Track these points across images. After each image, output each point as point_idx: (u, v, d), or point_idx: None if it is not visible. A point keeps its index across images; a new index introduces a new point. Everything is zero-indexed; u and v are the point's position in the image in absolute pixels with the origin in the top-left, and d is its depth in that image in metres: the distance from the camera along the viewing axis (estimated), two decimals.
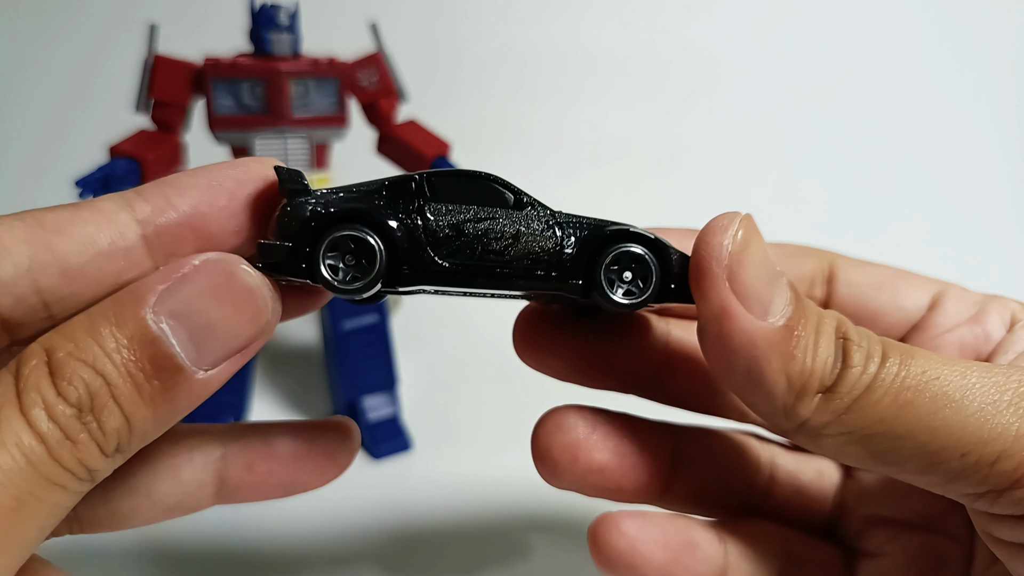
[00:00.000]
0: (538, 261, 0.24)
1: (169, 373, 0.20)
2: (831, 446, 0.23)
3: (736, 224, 0.23)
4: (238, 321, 0.21)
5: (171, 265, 0.21)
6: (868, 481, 0.31)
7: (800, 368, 0.22)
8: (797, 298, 0.23)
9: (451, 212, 0.23)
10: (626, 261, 0.24)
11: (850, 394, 0.22)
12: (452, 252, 0.23)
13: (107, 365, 0.19)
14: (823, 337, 0.23)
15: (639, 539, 0.27)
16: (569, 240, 0.24)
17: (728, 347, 0.22)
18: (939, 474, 0.22)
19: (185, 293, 0.20)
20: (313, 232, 0.22)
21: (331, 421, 0.29)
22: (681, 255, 0.24)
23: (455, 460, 0.48)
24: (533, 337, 0.29)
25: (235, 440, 0.28)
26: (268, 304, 0.22)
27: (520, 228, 0.23)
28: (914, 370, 0.22)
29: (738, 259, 0.22)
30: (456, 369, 0.58)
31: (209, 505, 0.28)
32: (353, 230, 0.22)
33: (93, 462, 0.19)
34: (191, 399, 0.21)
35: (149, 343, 0.20)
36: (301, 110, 0.47)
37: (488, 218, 0.23)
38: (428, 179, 0.23)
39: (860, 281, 0.29)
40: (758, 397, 0.23)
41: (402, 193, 0.23)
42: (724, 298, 0.22)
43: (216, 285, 0.21)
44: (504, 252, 0.23)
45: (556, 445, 0.28)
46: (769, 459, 0.31)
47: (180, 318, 0.20)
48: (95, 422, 0.19)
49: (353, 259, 0.23)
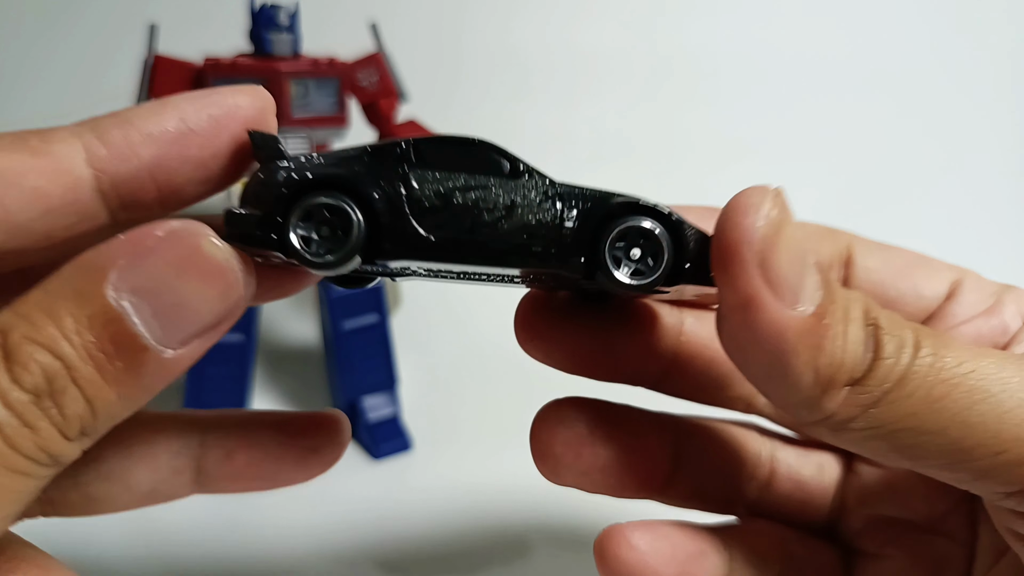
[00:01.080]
0: (535, 236, 0.21)
1: (133, 353, 0.18)
2: (854, 440, 0.21)
3: (769, 201, 0.20)
4: (206, 297, 0.19)
5: (133, 235, 0.19)
6: (870, 478, 0.30)
7: (829, 360, 0.20)
8: (826, 281, 0.21)
9: (438, 180, 0.21)
10: (634, 237, 0.22)
11: (880, 387, 0.20)
12: (438, 224, 0.21)
13: (65, 347, 0.18)
14: (852, 324, 0.21)
15: (650, 553, 0.26)
16: (571, 213, 0.21)
17: (753, 339, 0.21)
18: (968, 471, 0.21)
19: (148, 268, 0.19)
20: (285, 200, 0.20)
21: (320, 414, 0.27)
22: (699, 233, 0.22)
23: (455, 460, 0.48)
24: (537, 325, 0.27)
25: (216, 428, 0.27)
26: (239, 279, 0.20)
27: (515, 199, 0.21)
28: (949, 361, 0.20)
29: (772, 243, 0.20)
30: (456, 369, 0.58)
31: (187, 494, 0.27)
32: (328, 197, 0.20)
33: (55, 448, 0.18)
34: (161, 378, 0.19)
35: (110, 322, 0.18)
36: (301, 110, 0.47)
37: (480, 187, 0.21)
38: (415, 145, 0.22)
39: (878, 267, 0.28)
40: (780, 390, 0.21)
41: (385, 159, 0.21)
42: (754, 287, 0.20)
43: (181, 259, 0.19)
44: (497, 225, 0.21)
45: (558, 441, 0.26)
46: (770, 453, 0.30)
47: (143, 295, 0.18)
48: (55, 407, 0.18)
49: (329, 230, 0.21)
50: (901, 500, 0.29)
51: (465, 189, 0.21)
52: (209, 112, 0.21)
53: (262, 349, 0.56)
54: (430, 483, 0.46)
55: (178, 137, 0.20)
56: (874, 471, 0.30)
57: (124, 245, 0.19)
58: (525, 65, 0.83)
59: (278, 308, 0.60)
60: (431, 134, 0.22)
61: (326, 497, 0.43)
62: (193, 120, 0.21)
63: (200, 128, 0.21)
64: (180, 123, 0.21)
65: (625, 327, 0.27)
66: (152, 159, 0.20)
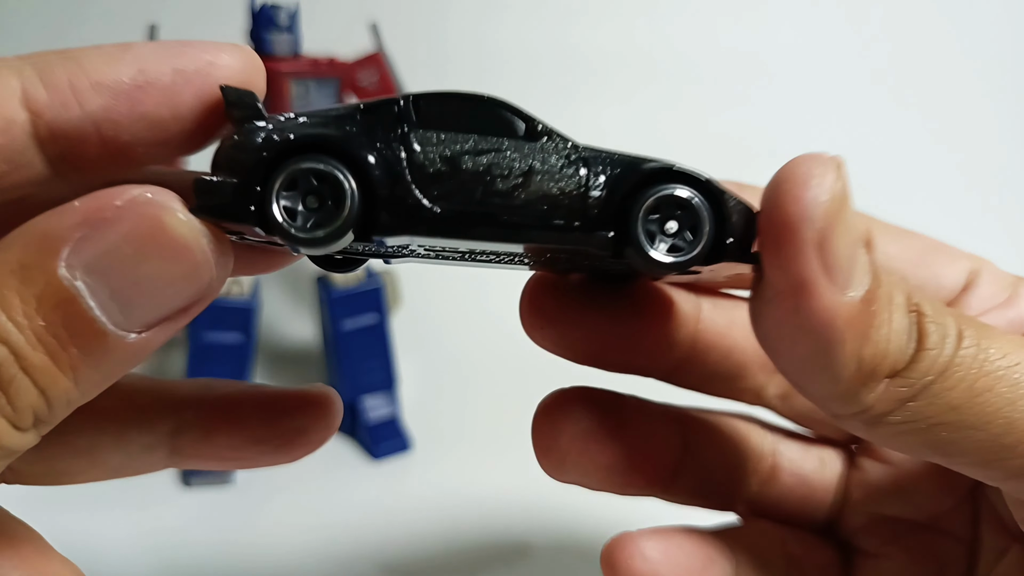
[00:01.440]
0: (557, 207, 0.18)
1: (90, 338, 0.16)
2: (888, 434, 0.20)
3: (832, 172, 0.18)
4: (170, 278, 0.17)
5: (88, 203, 0.16)
6: (873, 475, 0.29)
7: (873, 350, 0.18)
8: (873, 262, 0.19)
9: (444, 142, 0.18)
10: (670, 208, 0.19)
11: (923, 379, 0.19)
12: (445, 193, 0.18)
13: (12, 332, 0.16)
14: (897, 312, 0.19)
15: (662, 563, 0.25)
16: (597, 180, 0.19)
17: (801, 326, 0.19)
18: (1003, 469, 0.19)
19: (105, 243, 0.16)
20: (265, 164, 0.17)
21: (309, 391, 0.25)
22: (742, 204, 0.19)
23: (454, 460, 0.48)
24: (547, 310, 0.25)
25: (193, 402, 0.24)
26: (208, 258, 0.17)
27: (534, 163, 0.19)
28: (993, 353, 0.19)
29: (834, 222, 0.18)
30: (456, 369, 0.58)
31: (161, 468, 0.25)
32: (317, 162, 0.18)
33: (6, 440, 0.16)
34: (123, 363, 0.17)
35: (62, 304, 0.16)
36: (301, 110, 0.46)
37: (492, 150, 0.18)
38: (415, 101, 0.18)
39: (898, 255, 0.27)
40: (817, 381, 0.19)
41: (382, 118, 0.18)
42: (810, 270, 0.18)
43: (142, 234, 0.16)
44: (513, 194, 0.18)
45: (563, 436, 0.25)
46: (772, 447, 0.30)
47: (98, 274, 0.16)
48: (3, 397, 0.16)
49: (316, 201, 0.18)
50: (904, 497, 0.29)
51: (475, 152, 0.18)
52: (174, 65, 0.18)
53: (262, 349, 0.55)
54: (429, 483, 0.46)
55: (133, 89, 0.18)
56: (877, 467, 0.30)
57: (78, 214, 0.16)
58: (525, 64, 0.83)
59: (278, 308, 0.60)
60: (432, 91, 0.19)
61: (325, 497, 0.43)
62: (153, 71, 0.18)
63: (160, 82, 0.18)
64: (138, 74, 0.18)
65: (642, 314, 0.26)
66: (99, 110, 0.18)
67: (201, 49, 0.18)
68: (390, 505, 0.44)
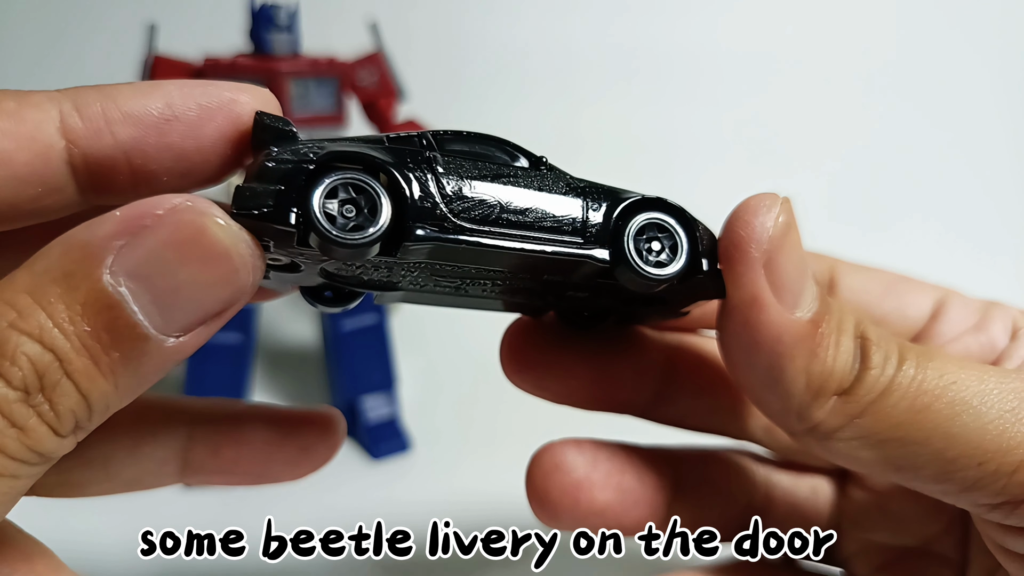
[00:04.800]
0: (561, 224, 0.21)
1: (132, 343, 0.17)
2: (842, 450, 0.22)
3: (779, 206, 0.21)
4: (210, 282, 0.18)
5: (129, 211, 0.17)
6: (863, 501, 0.30)
7: (821, 368, 0.21)
8: (821, 292, 0.22)
9: (464, 167, 0.21)
10: (652, 231, 0.22)
11: (866, 397, 0.21)
12: (467, 208, 0.20)
13: (57, 337, 0.16)
14: (844, 335, 0.21)
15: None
16: (594, 206, 0.22)
17: (753, 339, 0.21)
18: (954, 483, 0.21)
19: (147, 250, 0.17)
20: (309, 174, 0.19)
21: (315, 412, 0.26)
22: (709, 231, 0.23)
23: (454, 461, 0.47)
24: (526, 355, 0.27)
25: (204, 420, 0.25)
26: (247, 263, 0.18)
27: (541, 186, 0.22)
28: (931, 374, 0.21)
29: (779, 244, 0.21)
30: (456, 369, 0.58)
31: (172, 483, 0.26)
32: (358, 174, 0.19)
33: (47, 446, 0.17)
34: (160, 367, 0.18)
35: (106, 309, 0.17)
36: (300, 110, 0.47)
37: (507, 176, 0.21)
38: (435, 136, 0.21)
39: (862, 288, 0.28)
40: (773, 396, 0.22)
41: (408, 146, 0.21)
42: (758, 286, 0.21)
43: (183, 240, 0.17)
44: (525, 212, 0.21)
45: (554, 487, 0.26)
46: (764, 478, 0.30)
47: (142, 280, 0.17)
48: (46, 403, 0.16)
49: (353, 209, 0.19)
50: (892, 523, 0.29)
51: (494, 176, 0.21)
52: (199, 101, 0.19)
53: (261, 349, 0.55)
54: (429, 483, 0.46)
55: (161, 122, 0.19)
56: (866, 495, 0.30)
57: (120, 223, 0.17)
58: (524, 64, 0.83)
59: (278, 308, 0.60)
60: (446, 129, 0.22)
61: (325, 497, 0.43)
62: (180, 106, 0.19)
63: (186, 116, 0.19)
64: (166, 108, 0.19)
65: (614, 352, 0.27)
66: (129, 140, 0.19)
67: (224, 88, 0.20)
68: (389, 505, 0.44)
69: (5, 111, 0.18)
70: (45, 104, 0.19)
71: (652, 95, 0.84)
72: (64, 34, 0.79)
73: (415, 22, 0.79)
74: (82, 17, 0.79)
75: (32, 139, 0.18)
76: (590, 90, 0.84)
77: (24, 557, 0.19)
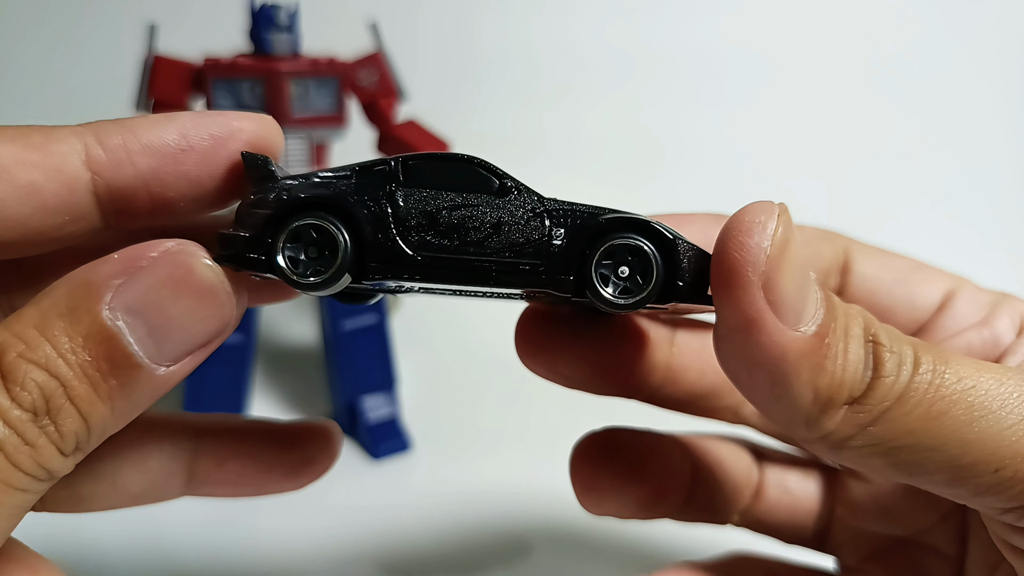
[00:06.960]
0: (522, 254, 0.21)
1: (127, 371, 0.19)
2: (853, 457, 0.21)
3: (774, 220, 0.20)
4: (198, 316, 0.20)
5: (126, 254, 0.19)
6: (856, 489, 0.30)
7: (829, 380, 0.20)
8: (827, 297, 0.21)
9: (424, 199, 0.21)
10: (623, 254, 0.21)
11: (880, 405, 0.20)
12: (424, 243, 0.21)
13: (61, 366, 0.18)
14: (852, 342, 0.20)
15: None
16: (558, 231, 0.21)
17: (753, 360, 0.20)
18: (968, 488, 0.20)
19: (142, 287, 0.19)
20: (273, 221, 0.20)
21: (313, 425, 0.28)
22: (695, 249, 0.21)
23: (454, 460, 0.48)
24: (540, 339, 0.27)
25: (209, 434, 0.27)
26: (230, 299, 0.20)
27: (503, 217, 0.21)
28: (949, 377, 0.20)
29: (777, 264, 0.19)
30: (456, 369, 0.58)
31: (177, 496, 0.27)
32: (315, 219, 0.21)
33: (53, 464, 0.19)
34: (152, 394, 0.20)
35: (105, 341, 0.18)
36: (300, 110, 0.46)
37: (467, 205, 0.21)
38: (404, 162, 0.22)
39: (875, 274, 0.27)
40: (779, 409, 0.21)
41: (373, 178, 0.21)
42: (757, 308, 0.20)
43: (175, 279, 0.19)
44: (484, 243, 0.21)
45: (603, 477, 0.28)
46: (758, 464, 0.31)
47: (137, 314, 0.19)
48: (52, 425, 0.18)
49: (316, 251, 0.21)
50: (884, 513, 0.29)
51: (452, 208, 0.21)
52: (210, 131, 0.21)
53: (262, 349, 0.55)
54: (429, 483, 0.46)
55: (176, 152, 0.21)
56: (859, 484, 0.30)
57: (119, 264, 0.19)
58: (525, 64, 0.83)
59: (278, 308, 0.60)
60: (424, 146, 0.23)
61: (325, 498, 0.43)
62: (193, 136, 0.21)
63: (199, 145, 0.21)
64: (180, 138, 0.21)
65: (622, 342, 0.28)
66: (148, 170, 0.21)
67: (231, 117, 0.22)
68: (390, 505, 0.44)
69: (33, 145, 0.20)
70: (70, 138, 0.20)
71: (655, 96, 0.84)
72: (64, 34, 0.79)
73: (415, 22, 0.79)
74: (82, 17, 0.79)
75: (59, 171, 0.20)
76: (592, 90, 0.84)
77: (30, 572, 0.21)
